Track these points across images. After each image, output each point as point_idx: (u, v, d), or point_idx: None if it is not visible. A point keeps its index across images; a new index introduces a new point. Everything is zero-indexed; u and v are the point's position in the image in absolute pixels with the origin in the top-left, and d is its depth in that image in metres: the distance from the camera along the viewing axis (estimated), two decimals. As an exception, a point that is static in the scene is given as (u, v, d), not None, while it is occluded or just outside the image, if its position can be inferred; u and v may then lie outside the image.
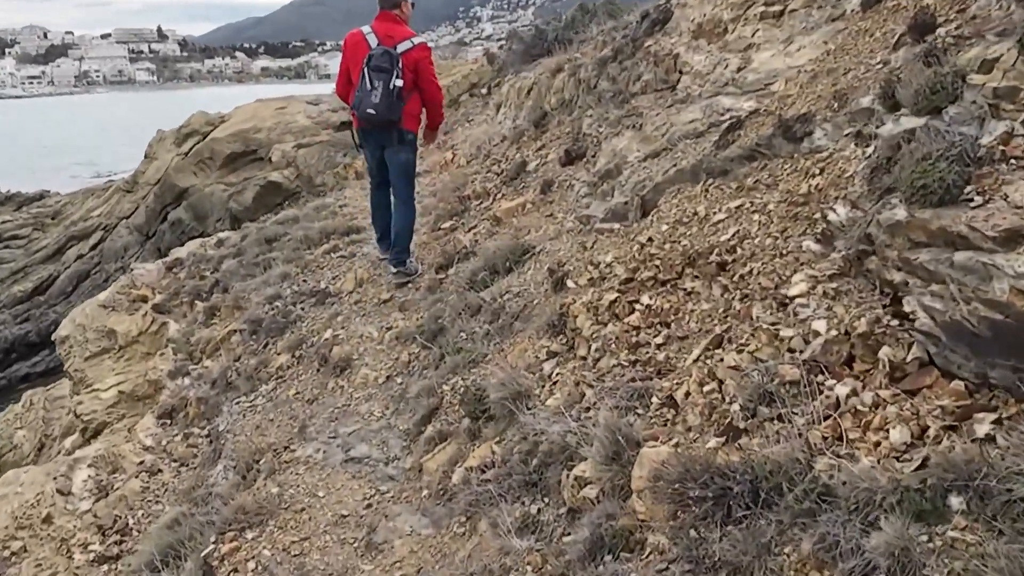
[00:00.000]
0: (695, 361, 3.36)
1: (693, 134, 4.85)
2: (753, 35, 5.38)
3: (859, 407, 2.64)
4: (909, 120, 3.13)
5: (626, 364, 3.65)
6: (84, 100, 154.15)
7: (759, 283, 3.44)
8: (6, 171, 40.60)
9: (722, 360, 3.20)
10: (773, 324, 3.14)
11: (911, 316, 2.66)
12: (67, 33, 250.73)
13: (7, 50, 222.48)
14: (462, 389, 4.31)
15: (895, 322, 2.74)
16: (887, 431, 2.53)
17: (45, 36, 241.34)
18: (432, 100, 6.10)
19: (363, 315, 5.97)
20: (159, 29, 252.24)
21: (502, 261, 5.32)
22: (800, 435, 2.63)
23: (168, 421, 6.04)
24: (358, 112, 5.91)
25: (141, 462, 5.56)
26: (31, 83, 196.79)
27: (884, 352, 2.71)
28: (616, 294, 4.03)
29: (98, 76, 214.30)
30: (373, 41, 5.89)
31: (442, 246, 6.49)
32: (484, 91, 14.15)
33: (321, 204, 9.22)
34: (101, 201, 23.57)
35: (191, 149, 21.88)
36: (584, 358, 3.90)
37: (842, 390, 2.70)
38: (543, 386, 3.95)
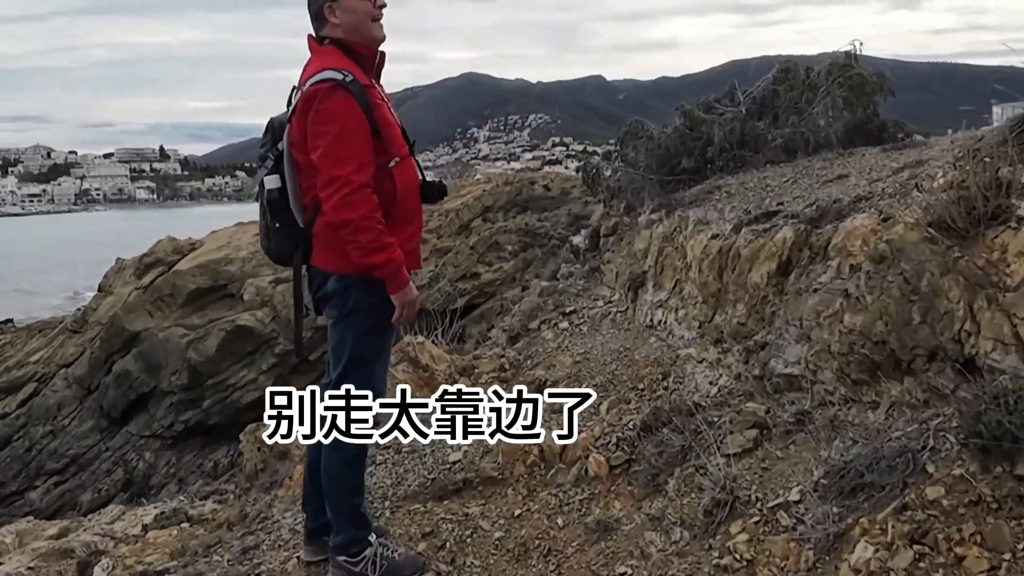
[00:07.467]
0: None
1: None
2: None
3: None
4: None
5: None
6: (79, 218, 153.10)
7: None
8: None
9: None
10: None
11: None
12: (70, 153, 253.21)
13: (10, 169, 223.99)
14: None
15: None
16: None
17: (49, 155, 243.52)
18: (326, 203, 2.64)
19: None
20: (161, 148, 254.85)
21: None
22: None
23: None
24: None
25: None
26: (30, 201, 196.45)
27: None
28: None
29: (98, 194, 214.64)
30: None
31: None
32: (579, 241, 7.75)
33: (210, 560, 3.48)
34: (45, 342, 18.85)
35: (152, 282, 17.45)
36: None
37: None
38: None
